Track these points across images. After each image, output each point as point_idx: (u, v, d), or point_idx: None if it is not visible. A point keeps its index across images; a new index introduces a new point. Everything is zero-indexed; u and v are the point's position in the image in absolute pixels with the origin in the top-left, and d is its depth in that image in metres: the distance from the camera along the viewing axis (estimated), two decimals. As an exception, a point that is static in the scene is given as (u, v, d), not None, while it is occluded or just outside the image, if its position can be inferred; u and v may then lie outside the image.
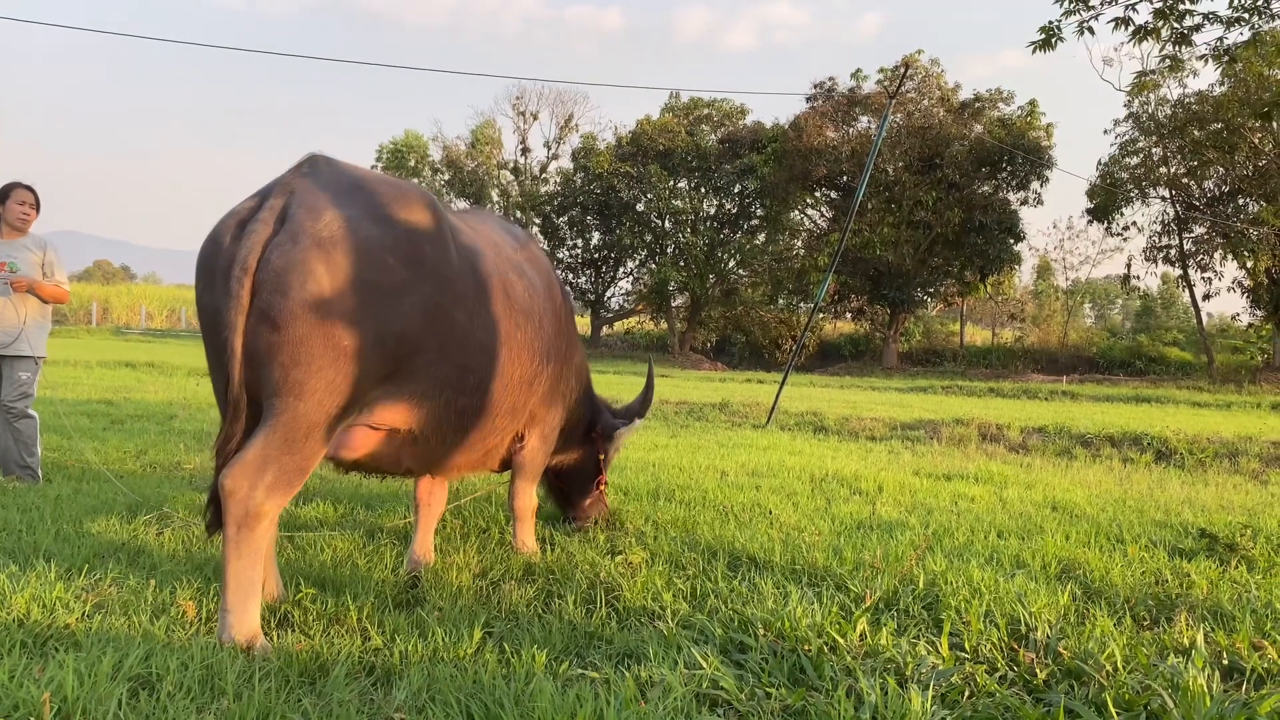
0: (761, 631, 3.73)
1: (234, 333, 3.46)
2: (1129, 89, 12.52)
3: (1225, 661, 3.61)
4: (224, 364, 3.55)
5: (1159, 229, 37.88)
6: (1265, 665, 3.54)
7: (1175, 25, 8.97)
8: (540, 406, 5.09)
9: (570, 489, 6.11)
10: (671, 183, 46.39)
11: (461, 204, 51.54)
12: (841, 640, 3.61)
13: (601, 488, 6.07)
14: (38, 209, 7.30)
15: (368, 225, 3.69)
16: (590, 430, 6.02)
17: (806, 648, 3.54)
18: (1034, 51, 9.62)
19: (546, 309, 4.90)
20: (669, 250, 47.19)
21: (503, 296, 4.41)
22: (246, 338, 3.49)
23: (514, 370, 4.52)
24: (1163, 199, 37.21)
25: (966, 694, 3.22)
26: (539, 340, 4.74)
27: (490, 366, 4.31)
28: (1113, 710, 3.04)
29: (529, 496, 5.40)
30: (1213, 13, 8.93)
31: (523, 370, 4.61)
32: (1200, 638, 3.77)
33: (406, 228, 3.84)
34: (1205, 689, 3.14)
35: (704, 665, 3.35)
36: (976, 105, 40.39)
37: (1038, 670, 3.42)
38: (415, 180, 53.40)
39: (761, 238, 47.66)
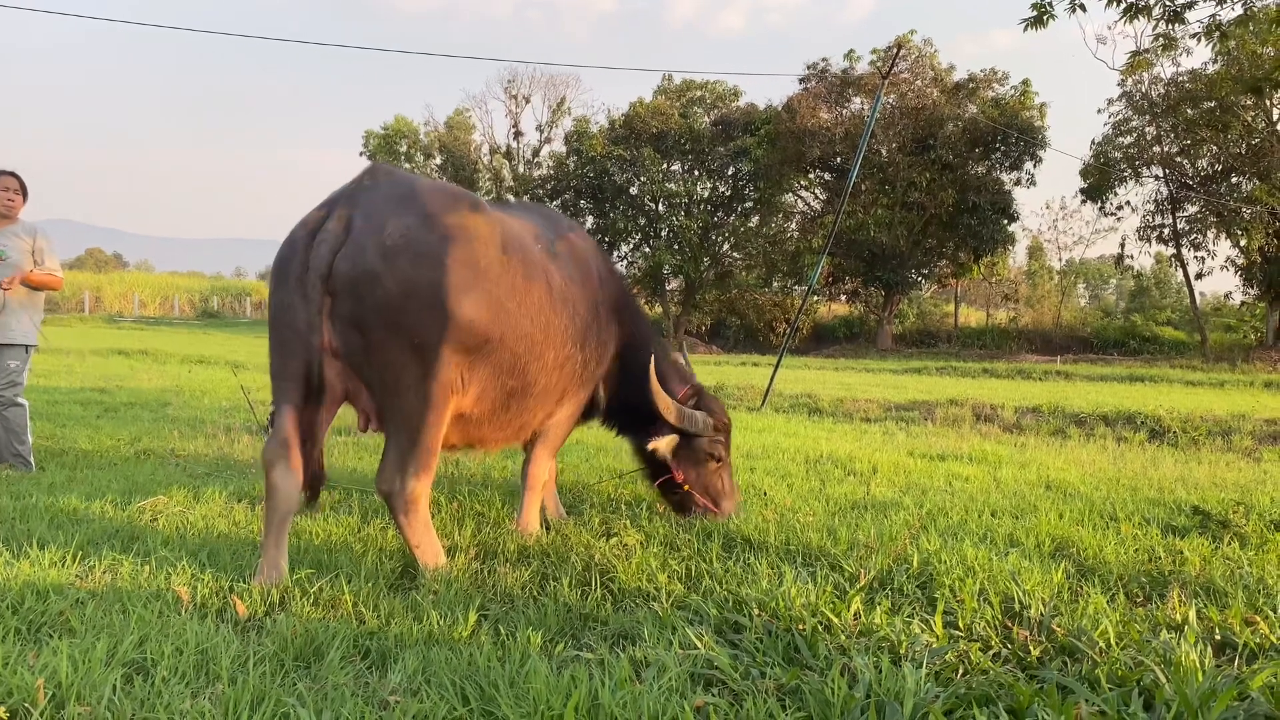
0: (756, 611, 3.73)
1: (314, 333, 4.00)
2: (1122, 68, 12.49)
3: (1218, 637, 3.62)
4: (294, 357, 4.06)
5: (1152, 208, 37.92)
6: (1257, 640, 3.55)
7: (1167, 2, 8.94)
8: (573, 385, 5.24)
9: (648, 473, 5.93)
10: (665, 165, 46.26)
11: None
12: (836, 619, 3.61)
13: (686, 487, 5.67)
14: (24, 195, 7.24)
15: (426, 231, 4.10)
16: (646, 420, 5.65)
17: (801, 627, 3.54)
18: (1026, 29, 9.59)
19: (582, 296, 5.09)
20: (663, 234, 47.09)
21: (544, 286, 4.68)
22: (334, 340, 4.05)
23: (550, 354, 4.77)
24: (1156, 178, 37.25)
25: (960, 671, 3.23)
26: (573, 326, 4.95)
27: (532, 351, 4.63)
28: (1106, 686, 3.05)
29: (543, 467, 5.51)
30: (1205, -11, 8.89)
31: (557, 354, 4.84)
32: (1193, 614, 3.79)
33: (462, 230, 4.22)
34: (1198, 664, 3.15)
35: (699, 645, 3.36)
36: (970, 86, 40.31)
37: (1031, 647, 3.43)
38: (408, 165, 53.22)
39: (755, 220, 47.60)
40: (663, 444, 5.58)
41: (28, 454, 7.21)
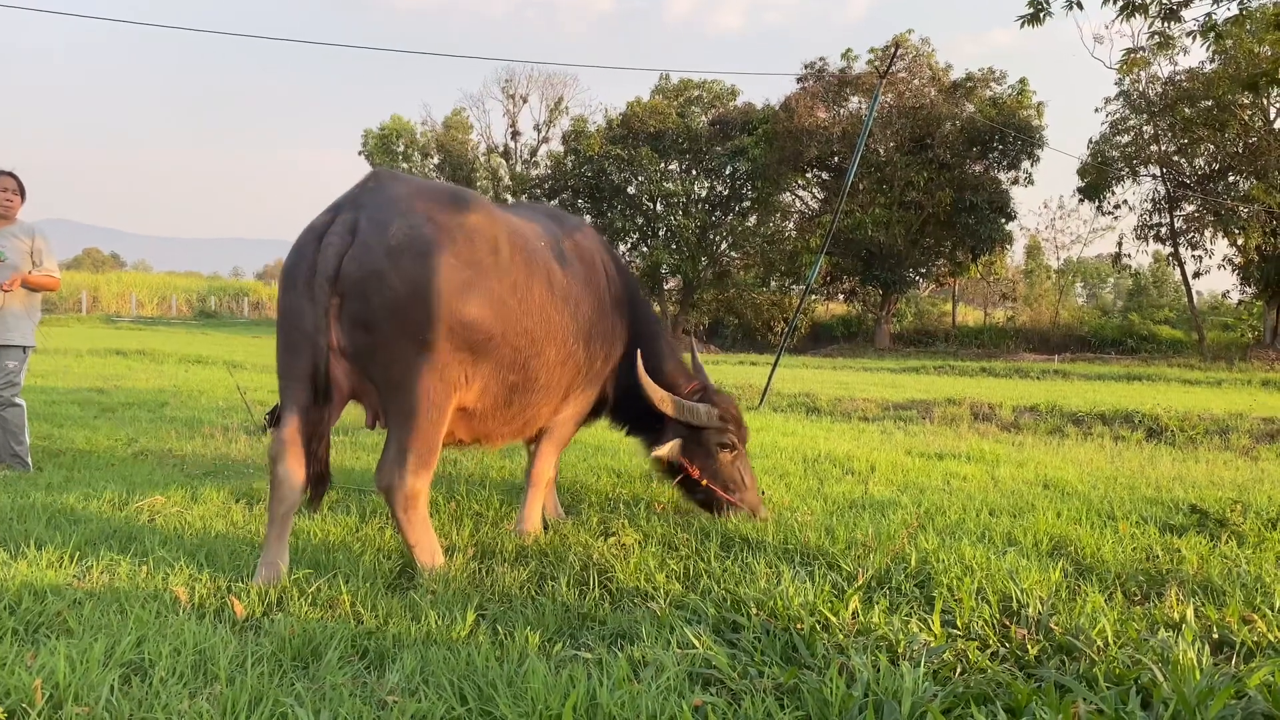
0: (754, 611, 3.73)
1: (321, 333, 4.07)
2: (1118, 65, 12.48)
3: (1215, 635, 3.63)
4: (302, 357, 4.13)
5: (1150, 207, 37.94)
6: (1255, 638, 3.56)
7: (1164, 0, 8.95)
8: (578, 382, 5.30)
9: (665, 472, 5.88)
10: (662, 165, 46.25)
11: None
12: (834, 619, 3.62)
13: (705, 483, 5.60)
14: (22, 195, 7.23)
15: (430, 231, 4.19)
16: (655, 419, 5.66)
17: (799, 626, 3.54)
18: (1022, 26, 9.58)
19: (585, 294, 5.15)
20: (660, 233, 47.07)
21: (545, 283, 4.79)
22: (341, 339, 4.13)
23: (551, 350, 4.84)
24: (1153, 177, 37.25)
25: (959, 670, 3.23)
26: (575, 324, 5.01)
27: (533, 347, 4.72)
28: (1104, 684, 3.05)
29: (548, 464, 5.54)
30: (1202, -12, 8.91)
31: (559, 351, 4.91)
32: (1190, 612, 3.79)
33: (464, 229, 4.33)
34: (1195, 662, 3.15)
35: (697, 645, 3.36)
36: (968, 85, 40.32)
37: (1029, 646, 3.44)
38: (404, 165, 53.20)
39: (753, 220, 47.60)
40: (665, 450, 5.56)
41: (25, 454, 7.21)
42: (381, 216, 4.18)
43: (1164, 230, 37.63)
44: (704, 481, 5.61)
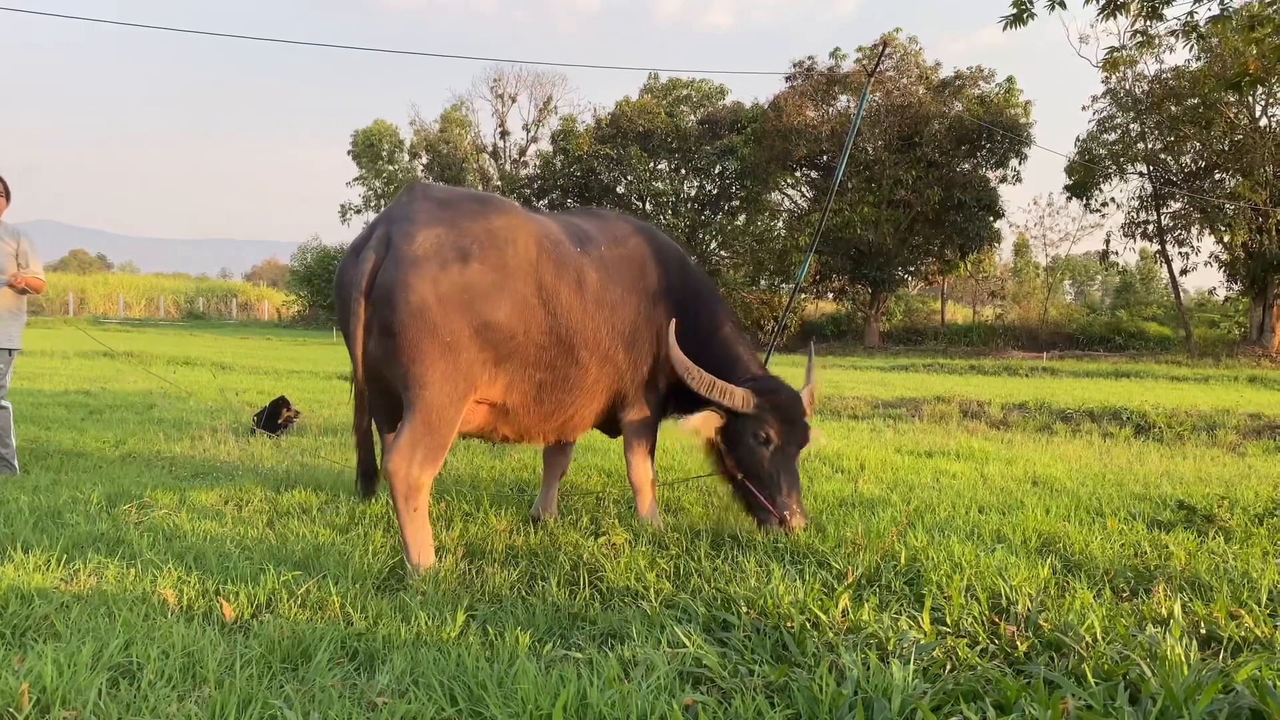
0: (744, 609, 3.74)
1: (354, 342, 4.40)
2: (1100, 63, 12.55)
3: (1203, 631, 3.65)
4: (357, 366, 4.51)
5: (1137, 205, 38.04)
6: (1242, 633, 3.58)
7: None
8: (630, 385, 5.38)
9: (713, 463, 5.77)
10: (651, 164, 46.25)
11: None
12: (824, 617, 3.62)
13: (740, 476, 5.46)
14: (8, 198, 7.18)
15: (455, 238, 4.45)
16: (692, 406, 5.56)
17: (789, 625, 3.55)
18: (1005, 28, 9.60)
19: (626, 298, 5.21)
20: (650, 232, 47.05)
21: (575, 286, 4.92)
22: (372, 346, 4.43)
23: (584, 352, 4.96)
24: (1140, 175, 37.37)
25: (948, 667, 3.24)
26: (610, 326, 5.10)
27: (560, 347, 4.88)
28: (1092, 680, 3.06)
29: (644, 469, 5.58)
30: (1183, -14, 8.94)
31: (591, 352, 5.02)
32: (1178, 608, 3.81)
33: (490, 234, 4.56)
34: (1183, 658, 3.17)
35: (687, 644, 3.36)
36: (956, 83, 40.38)
37: (1018, 643, 3.45)
38: (391, 166, 53.08)
39: (742, 219, 47.65)
40: (694, 420, 5.29)
41: (11, 457, 7.16)
42: (410, 229, 4.41)
43: (1151, 227, 37.77)
44: (739, 475, 5.39)
